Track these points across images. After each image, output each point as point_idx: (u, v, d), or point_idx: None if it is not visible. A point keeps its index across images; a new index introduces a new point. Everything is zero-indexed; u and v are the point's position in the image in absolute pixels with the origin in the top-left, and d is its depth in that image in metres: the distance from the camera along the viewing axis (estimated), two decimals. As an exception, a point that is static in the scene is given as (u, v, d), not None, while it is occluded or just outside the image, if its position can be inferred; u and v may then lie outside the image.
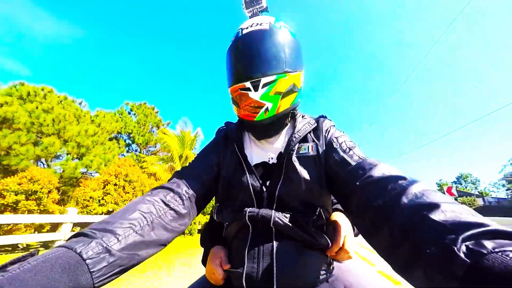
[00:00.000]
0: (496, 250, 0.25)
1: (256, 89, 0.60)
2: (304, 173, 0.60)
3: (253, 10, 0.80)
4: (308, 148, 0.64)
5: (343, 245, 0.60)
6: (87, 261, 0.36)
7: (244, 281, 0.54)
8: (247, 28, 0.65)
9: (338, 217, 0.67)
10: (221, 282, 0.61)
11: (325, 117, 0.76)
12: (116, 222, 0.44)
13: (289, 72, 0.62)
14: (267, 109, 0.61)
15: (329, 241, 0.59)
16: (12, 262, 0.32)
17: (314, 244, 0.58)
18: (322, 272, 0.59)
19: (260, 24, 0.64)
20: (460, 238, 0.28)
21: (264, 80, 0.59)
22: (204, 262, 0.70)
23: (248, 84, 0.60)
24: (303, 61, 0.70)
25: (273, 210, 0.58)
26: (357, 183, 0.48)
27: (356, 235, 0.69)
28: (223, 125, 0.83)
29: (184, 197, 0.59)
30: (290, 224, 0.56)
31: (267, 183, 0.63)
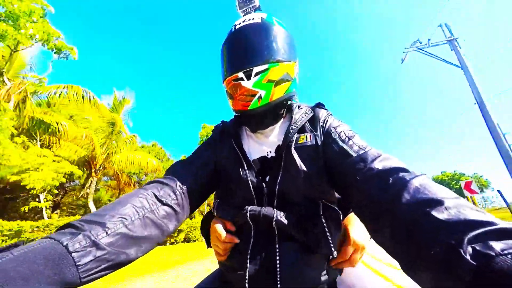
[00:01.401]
0: (505, 252, 0.24)
1: (248, 78, 0.60)
2: (303, 165, 0.58)
3: (246, 9, 0.82)
4: (307, 138, 0.63)
5: (350, 257, 0.58)
6: (73, 254, 0.34)
7: (247, 282, 0.53)
8: (239, 23, 0.66)
9: (353, 222, 0.62)
10: (228, 249, 0.61)
11: (322, 105, 0.74)
12: (106, 215, 0.43)
13: (282, 61, 0.62)
14: (260, 96, 0.61)
15: (332, 249, 0.54)
16: None
17: (316, 250, 0.55)
18: (326, 274, 0.57)
19: (252, 19, 0.66)
20: (466, 238, 0.27)
21: (256, 69, 0.60)
22: (208, 244, 0.70)
23: (240, 74, 0.61)
24: (297, 54, 0.71)
25: (275, 210, 0.57)
26: (358, 177, 0.47)
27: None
28: (220, 123, 0.82)
29: (177, 193, 0.57)
30: (293, 226, 0.55)
31: (267, 178, 0.62)
